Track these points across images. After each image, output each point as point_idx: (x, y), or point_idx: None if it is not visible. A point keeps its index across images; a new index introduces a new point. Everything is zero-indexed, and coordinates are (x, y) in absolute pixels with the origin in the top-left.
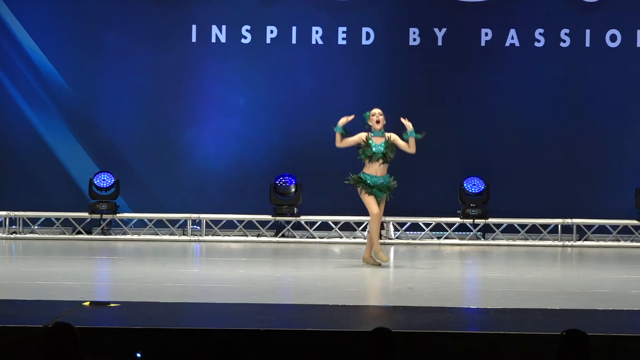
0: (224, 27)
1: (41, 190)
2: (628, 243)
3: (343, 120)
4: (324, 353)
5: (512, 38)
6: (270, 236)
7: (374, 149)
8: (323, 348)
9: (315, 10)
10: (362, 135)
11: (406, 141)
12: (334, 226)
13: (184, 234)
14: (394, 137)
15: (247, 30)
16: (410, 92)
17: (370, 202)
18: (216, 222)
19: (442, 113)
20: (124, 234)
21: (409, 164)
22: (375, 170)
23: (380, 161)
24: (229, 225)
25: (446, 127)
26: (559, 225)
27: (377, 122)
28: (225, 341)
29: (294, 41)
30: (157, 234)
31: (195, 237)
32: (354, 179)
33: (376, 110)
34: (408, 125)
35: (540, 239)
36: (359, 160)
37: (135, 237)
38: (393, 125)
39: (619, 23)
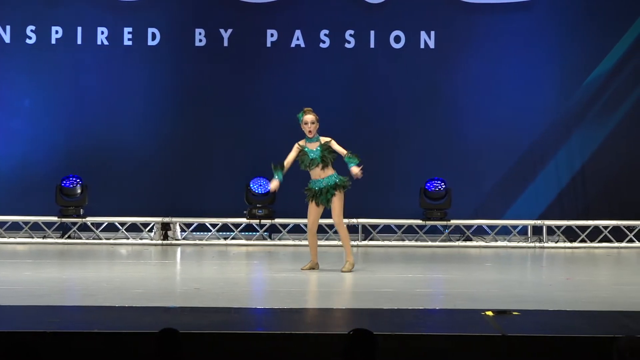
0: (8, 27)
1: None
2: (412, 242)
3: (276, 184)
4: (112, 355)
5: (298, 39)
6: (57, 238)
7: (310, 156)
8: (110, 350)
9: (100, 11)
10: (297, 147)
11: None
12: (120, 227)
13: None
14: (329, 140)
15: (31, 31)
16: (197, 93)
17: (309, 215)
18: (1, 223)
19: (229, 114)
20: None
21: (196, 165)
22: (317, 174)
23: (320, 165)
24: (15, 227)
25: (233, 127)
26: None
27: (309, 131)
28: (11, 344)
29: (79, 42)
30: None
31: None
32: (306, 190)
33: (308, 119)
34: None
35: (326, 239)
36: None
37: None
38: (187, 123)
39: (403, 24)
